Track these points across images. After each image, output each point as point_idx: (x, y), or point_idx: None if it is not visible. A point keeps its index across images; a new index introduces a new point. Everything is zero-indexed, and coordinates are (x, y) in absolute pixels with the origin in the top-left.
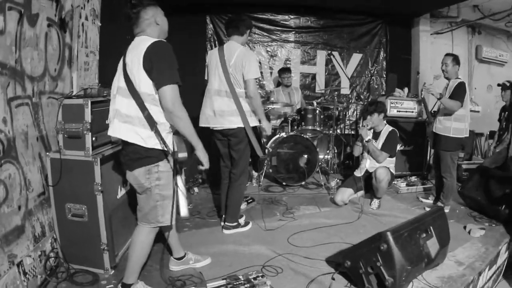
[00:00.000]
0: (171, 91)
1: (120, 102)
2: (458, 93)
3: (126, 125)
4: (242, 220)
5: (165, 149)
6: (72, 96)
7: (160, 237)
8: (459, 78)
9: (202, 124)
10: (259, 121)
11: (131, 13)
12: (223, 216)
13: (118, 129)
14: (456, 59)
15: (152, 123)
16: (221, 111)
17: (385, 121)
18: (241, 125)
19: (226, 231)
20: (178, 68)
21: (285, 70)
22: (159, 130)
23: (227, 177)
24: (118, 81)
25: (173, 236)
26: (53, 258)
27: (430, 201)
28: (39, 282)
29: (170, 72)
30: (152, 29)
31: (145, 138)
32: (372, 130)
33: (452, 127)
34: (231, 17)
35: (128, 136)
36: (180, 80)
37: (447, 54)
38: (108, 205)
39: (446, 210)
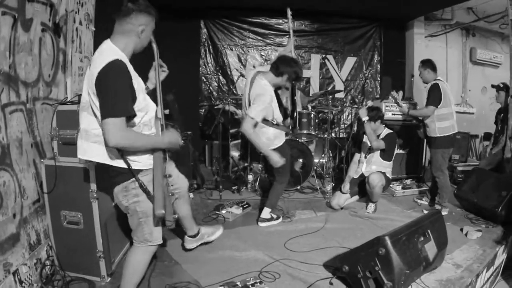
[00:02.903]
0: (111, 125)
1: (86, 120)
2: (430, 97)
3: (95, 144)
4: (275, 215)
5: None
6: (66, 102)
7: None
8: (436, 80)
9: None
10: None
11: (125, 7)
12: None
13: (87, 150)
14: (426, 64)
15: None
16: None
17: (383, 125)
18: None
19: (261, 224)
20: (132, 93)
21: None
22: (126, 157)
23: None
24: (84, 91)
25: (186, 216)
26: (49, 266)
27: (424, 202)
28: None
29: (113, 104)
30: (126, 38)
31: (116, 159)
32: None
33: (437, 127)
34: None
35: (98, 158)
36: (127, 109)
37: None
38: (103, 212)
39: (445, 213)
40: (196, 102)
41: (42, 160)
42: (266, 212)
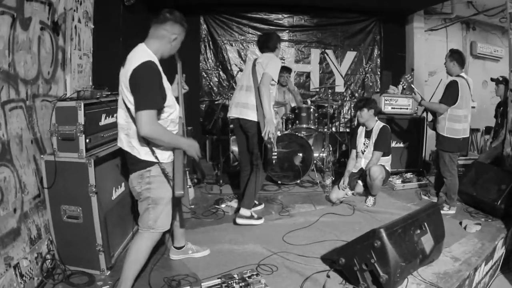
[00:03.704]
0: (144, 116)
1: (120, 114)
2: (445, 93)
3: (125, 136)
4: (255, 214)
5: (157, 160)
6: (65, 99)
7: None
8: (458, 76)
9: None
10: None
11: (163, 15)
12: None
13: (120, 139)
14: (452, 56)
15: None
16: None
17: (376, 118)
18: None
19: (238, 220)
20: (162, 89)
21: (284, 69)
22: (152, 147)
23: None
24: (120, 89)
25: (177, 226)
26: (49, 260)
27: (426, 198)
28: (36, 284)
29: (146, 98)
30: (159, 43)
31: (139, 150)
32: (364, 130)
33: (446, 126)
34: (261, 36)
35: (126, 146)
36: (159, 103)
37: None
38: (102, 206)
39: (452, 212)
40: (197, 98)
41: (42, 156)
42: (245, 211)
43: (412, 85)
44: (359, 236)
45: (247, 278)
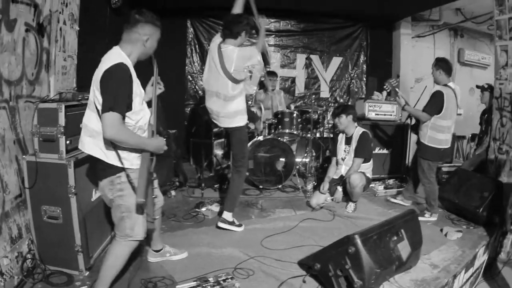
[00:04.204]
0: (110, 119)
1: (88, 115)
2: (429, 103)
3: (90, 139)
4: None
5: (123, 166)
6: (47, 100)
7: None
8: (445, 86)
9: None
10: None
11: (132, 18)
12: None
13: (83, 142)
14: (438, 64)
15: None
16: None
17: (355, 124)
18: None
19: (219, 224)
20: (130, 94)
21: (271, 74)
22: (119, 152)
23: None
24: (91, 89)
25: (155, 229)
26: (30, 260)
27: (399, 201)
28: (16, 282)
29: (114, 100)
30: (132, 46)
31: (106, 153)
32: (344, 137)
33: (428, 134)
34: (227, 17)
35: (92, 151)
36: (124, 109)
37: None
38: (82, 208)
39: (434, 218)
40: (182, 101)
41: (24, 156)
42: (228, 215)
43: (396, 89)
44: (334, 242)
45: (221, 282)
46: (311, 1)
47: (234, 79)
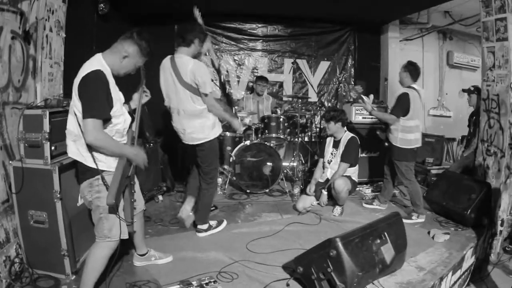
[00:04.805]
0: (89, 125)
1: (69, 120)
2: (396, 105)
3: (72, 143)
4: (213, 222)
5: (99, 168)
6: (33, 107)
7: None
8: (410, 88)
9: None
10: (228, 124)
11: (129, 32)
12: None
13: (68, 147)
14: (407, 67)
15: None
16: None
17: (345, 129)
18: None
19: (199, 234)
20: (108, 99)
21: (261, 79)
22: (95, 155)
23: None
24: (72, 97)
25: (137, 234)
26: (17, 263)
27: (376, 206)
28: (4, 286)
29: (92, 106)
30: (112, 56)
31: (85, 156)
32: (332, 140)
33: (399, 137)
34: (181, 28)
35: (73, 154)
36: (104, 113)
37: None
38: (68, 212)
39: (422, 220)
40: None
41: (10, 162)
42: (203, 226)
43: (362, 95)
44: (316, 245)
45: (204, 285)
46: (298, 6)
47: (193, 88)
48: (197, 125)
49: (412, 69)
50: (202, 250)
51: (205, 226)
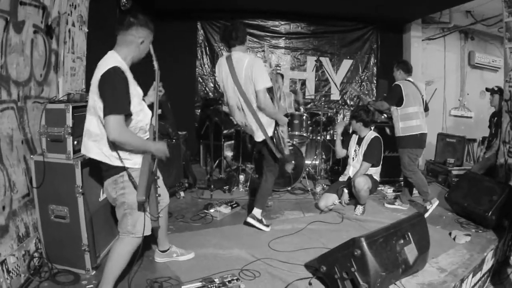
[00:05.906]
0: (112, 121)
1: (89, 120)
2: (387, 94)
3: (93, 143)
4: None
5: (125, 165)
6: (55, 101)
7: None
8: (403, 81)
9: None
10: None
11: (125, 21)
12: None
13: (87, 147)
14: (398, 65)
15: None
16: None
17: (369, 128)
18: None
19: (249, 220)
20: (128, 95)
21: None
22: (120, 153)
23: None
24: (90, 95)
25: (161, 229)
26: (37, 258)
27: (397, 206)
28: (22, 280)
29: (114, 103)
30: (127, 49)
31: (108, 156)
32: (357, 137)
33: (401, 126)
34: (227, 28)
35: (95, 155)
36: (126, 109)
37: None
38: (89, 207)
39: (435, 203)
40: (192, 103)
41: (32, 156)
42: (258, 212)
43: (360, 94)
44: (340, 244)
45: (227, 283)
46: (321, 4)
47: (249, 85)
48: (253, 124)
49: (403, 66)
50: (224, 247)
51: (259, 215)
